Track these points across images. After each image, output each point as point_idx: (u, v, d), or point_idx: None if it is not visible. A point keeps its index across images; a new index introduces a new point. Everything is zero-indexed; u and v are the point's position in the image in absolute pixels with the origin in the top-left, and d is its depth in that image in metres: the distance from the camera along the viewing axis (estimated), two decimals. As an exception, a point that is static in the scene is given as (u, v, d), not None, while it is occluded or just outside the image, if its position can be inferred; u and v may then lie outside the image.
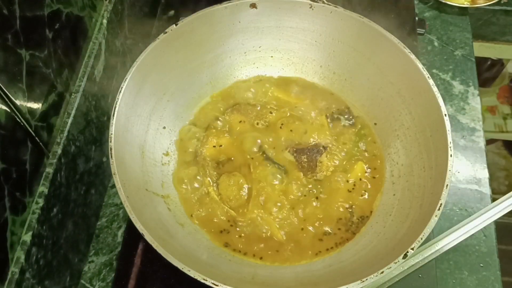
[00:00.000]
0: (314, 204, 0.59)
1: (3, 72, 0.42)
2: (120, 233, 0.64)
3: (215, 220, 0.58)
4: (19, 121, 0.45)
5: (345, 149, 0.63)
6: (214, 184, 0.60)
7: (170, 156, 0.62)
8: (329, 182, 0.60)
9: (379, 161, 0.62)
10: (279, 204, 0.59)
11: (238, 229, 0.57)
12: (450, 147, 0.51)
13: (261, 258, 0.56)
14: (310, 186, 0.60)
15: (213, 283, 0.44)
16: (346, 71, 0.66)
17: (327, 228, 0.58)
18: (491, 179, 0.69)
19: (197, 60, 0.64)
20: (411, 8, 0.81)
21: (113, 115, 0.52)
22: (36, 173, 0.49)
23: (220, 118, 0.65)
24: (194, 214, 0.58)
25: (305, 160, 0.61)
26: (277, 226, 0.57)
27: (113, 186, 0.67)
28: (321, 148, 0.62)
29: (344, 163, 0.62)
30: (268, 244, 0.57)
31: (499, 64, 1.35)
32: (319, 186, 0.60)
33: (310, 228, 0.58)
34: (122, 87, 0.54)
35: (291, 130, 0.64)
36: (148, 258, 0.60)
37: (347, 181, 0.61)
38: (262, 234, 0.57)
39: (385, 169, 0.62)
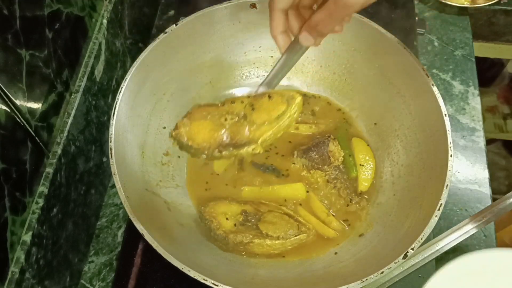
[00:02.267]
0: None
1: (3, 72, 0.42)
2: (120, 233, 0.64)
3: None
4: (19, 121, 0.45)
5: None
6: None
7: (170, 156, 0.62)
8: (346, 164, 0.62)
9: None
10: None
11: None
12: (450, 147, 0.51)
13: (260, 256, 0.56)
14: (333, 175, 0.61)
15: (213, 283, 0.44)
16: (346, 71, 0.66)
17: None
18: (491, 179, 0.69)
19: (197, 60, 0.64)
20: (411, 8, 0.81)
21: (113, 115, 0.52)
22: (36, 173, 0.49)
23: None
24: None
25: (316, 156, 0.61)
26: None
27: (113, 186, 0.67)
28: (325, 139, 0.62)
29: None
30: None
31: (499, 64, 1.35)
32: (343, 171, 0.62)
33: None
34: (122, 87, 0.54)
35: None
36: (148, 258, 0.60)
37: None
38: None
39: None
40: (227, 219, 0.56)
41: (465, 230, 0.59)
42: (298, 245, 0.56)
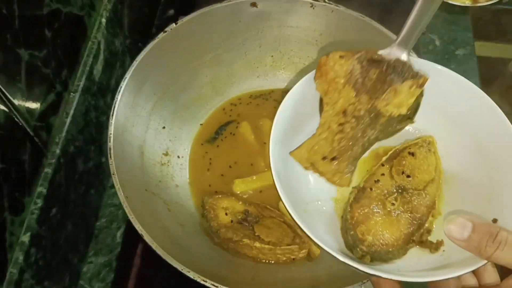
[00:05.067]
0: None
1: (2, 72, 0.42)
2: (119, 233, 0.63)
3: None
4: (18, 121, 0.45)
5: None
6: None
7: (170, 156, 0.62)
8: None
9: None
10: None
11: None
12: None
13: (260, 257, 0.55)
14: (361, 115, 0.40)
15: (212, 284, 0.44)
16: (347, 70, 0.66)
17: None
18: (493, 179, 0.68)
19: (197, 60, 0.64)
20: (412, 7, 0.81)
21: (112, 115, 0.52)
22: (35, 173, 0.49)
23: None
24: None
25: (374, 77, 0.41)
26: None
27: (112, 186, 0.67)
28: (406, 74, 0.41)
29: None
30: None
31: (500, 63, 1.35)
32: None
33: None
34: (121, 87, 0.54)
35: None
36: (147, 259, 0.60)
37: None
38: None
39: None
40: (226, 214, 0.56)
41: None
42: (290, 260, 0.54)
